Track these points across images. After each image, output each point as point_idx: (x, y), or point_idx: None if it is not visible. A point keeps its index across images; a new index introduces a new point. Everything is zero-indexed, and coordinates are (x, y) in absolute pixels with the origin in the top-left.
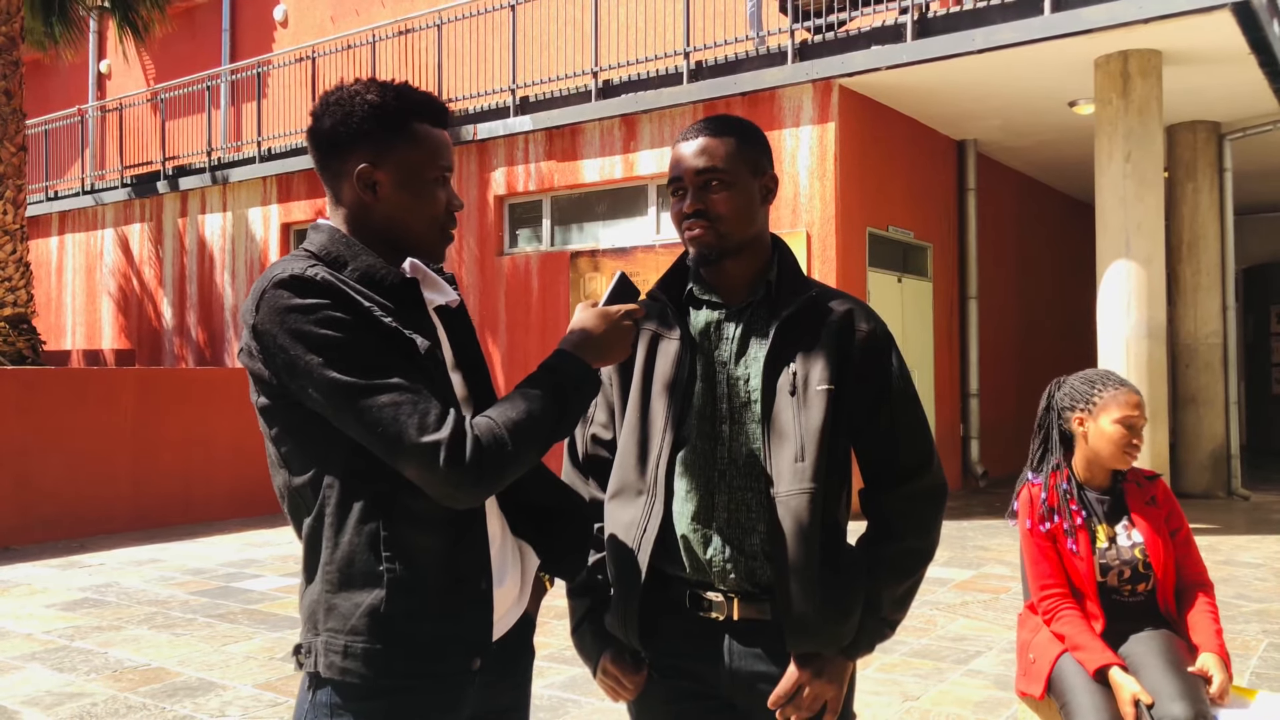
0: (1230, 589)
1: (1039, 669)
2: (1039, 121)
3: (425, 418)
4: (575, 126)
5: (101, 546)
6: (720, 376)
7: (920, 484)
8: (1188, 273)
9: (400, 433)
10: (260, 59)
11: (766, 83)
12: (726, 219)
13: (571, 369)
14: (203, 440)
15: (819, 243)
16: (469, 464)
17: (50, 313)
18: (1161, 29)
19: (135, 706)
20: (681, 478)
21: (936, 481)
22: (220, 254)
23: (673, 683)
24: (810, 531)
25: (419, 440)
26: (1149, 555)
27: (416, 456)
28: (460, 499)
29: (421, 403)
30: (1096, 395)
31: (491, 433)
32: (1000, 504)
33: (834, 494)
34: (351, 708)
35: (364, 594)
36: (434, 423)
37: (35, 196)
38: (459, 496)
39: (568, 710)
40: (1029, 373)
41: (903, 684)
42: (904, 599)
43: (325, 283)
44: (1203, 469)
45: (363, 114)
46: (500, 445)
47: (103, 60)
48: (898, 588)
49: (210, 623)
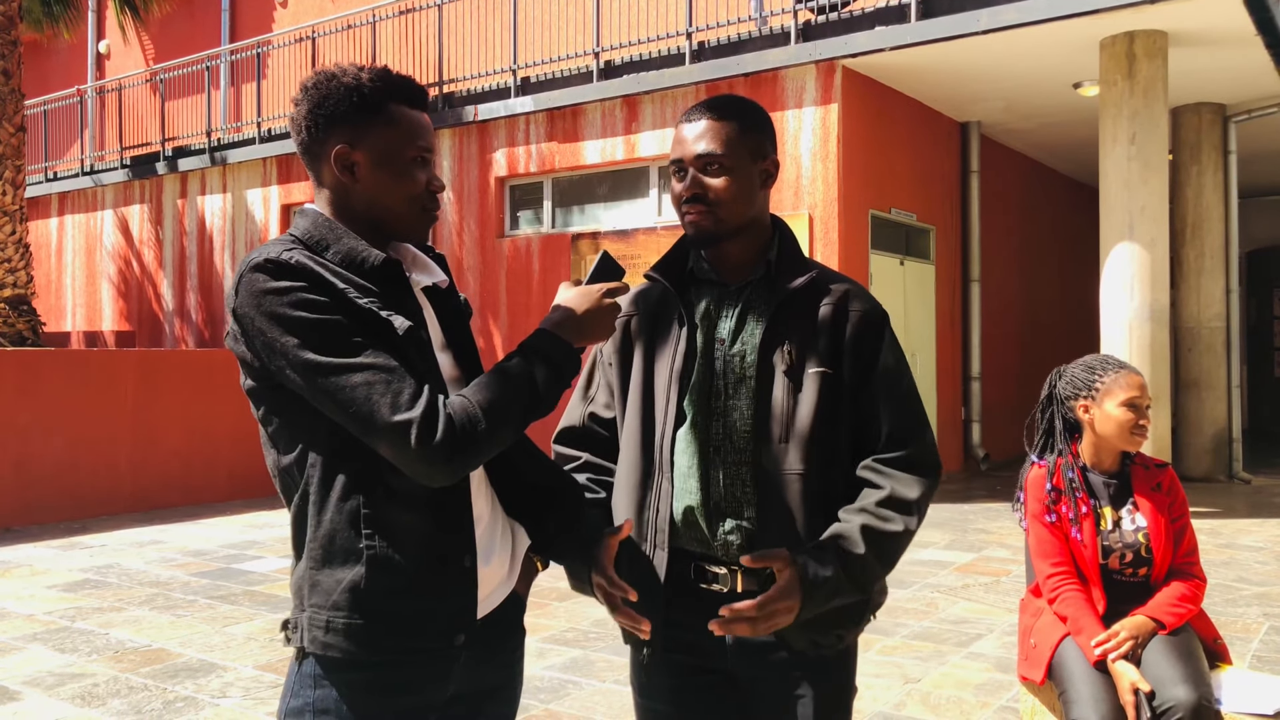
0: (1231, 572)
1: (1040, 654)
2: (1043, 103)
3: (399, 397)
4: (577, 107)
5: (102, 528)
6: (718, 354)
7: (907, 456)
8: (1191, 256)
9: (372, 411)
10: (260, 39)
11: (769, 63)
12: (725, 203)
13: (551, 348)
14: (203, 422)
15: (821, 225)
16: (439, 442)
17: (50, 294)
18: (1167, 10)
19: (136, 687)
20: (682, 454)
21: (928, 458)
22: (220, 235)
23: (675, 657)
24: (797, 514)
25: (391, 419)
26: (1151, 539)
27: (388, 435)
28: (434, 477)
29: (395, 382)
30: (1098, 381)
31: (465, 411)
32: (1002, 487)
33: (826, 477)
34: (334, 679)
35: (345, 570)
36: (406, 401)
37: (34, 177)
38: (432, 474)
39: (568, 691)
40: (1031, 356)
41: (903, 666)
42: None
43: (300, 265)
44: (1204, 452)
45: (339, 96)
46: (474, 424)
47: (102, 40)
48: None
49: (211, 604)
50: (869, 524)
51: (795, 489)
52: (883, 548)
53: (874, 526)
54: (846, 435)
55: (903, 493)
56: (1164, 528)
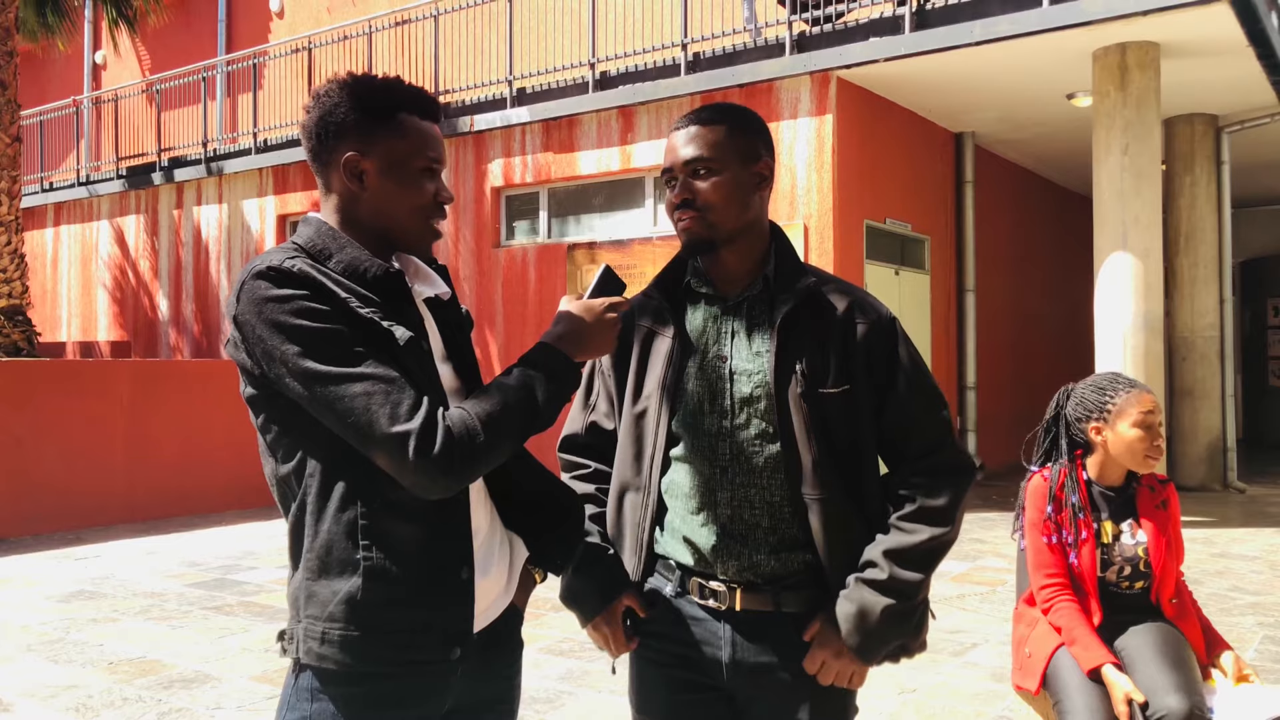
0: (1225, 582)
1: (1035, 664)
2: (1037, 114)
3: (397, 408)
4: (572, 118)
5: (97, 538)
6: (722, 372)
7: (934, 462)
8: (1185, 265)
9: (371, 422)
10: (256, 50)
11: (764, 74)
12: (715, 207)
13: (551, 362)
14: (199, 432)
15: (816, 235)
16: (438, 455)
17: (45, 304)
18: (1160, 21)
19: (131, 698)
20: (681, 473)
21: (955, 458)
22: (216, 245)
23: (672, 672)
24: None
25: (389, 430)
26: (1150, 555)
27: (386, 446)
28: (431, 489)
29: (394, 393)
30: (1110, 402)
31: (464, 424)
32: (997, 496)
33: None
34: (330, 692)
35: (341, 581)
36: (405, 413)
37: (30, 188)
38: (429, 487)
39: (564, 702)
40: (1026, 366)
41: (898, 675)
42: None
43: (302, 274)
44: (1199, 462)
45: (351, 104)
46: (472, 437)
47: (98, 51)
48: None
49: (206, 615)
50: (891, 545)
51: (815, 512)
52: (909, 558)
53: (896, 545)
54: (870, 451)
55: (931, 503)
56: (1164, 545)
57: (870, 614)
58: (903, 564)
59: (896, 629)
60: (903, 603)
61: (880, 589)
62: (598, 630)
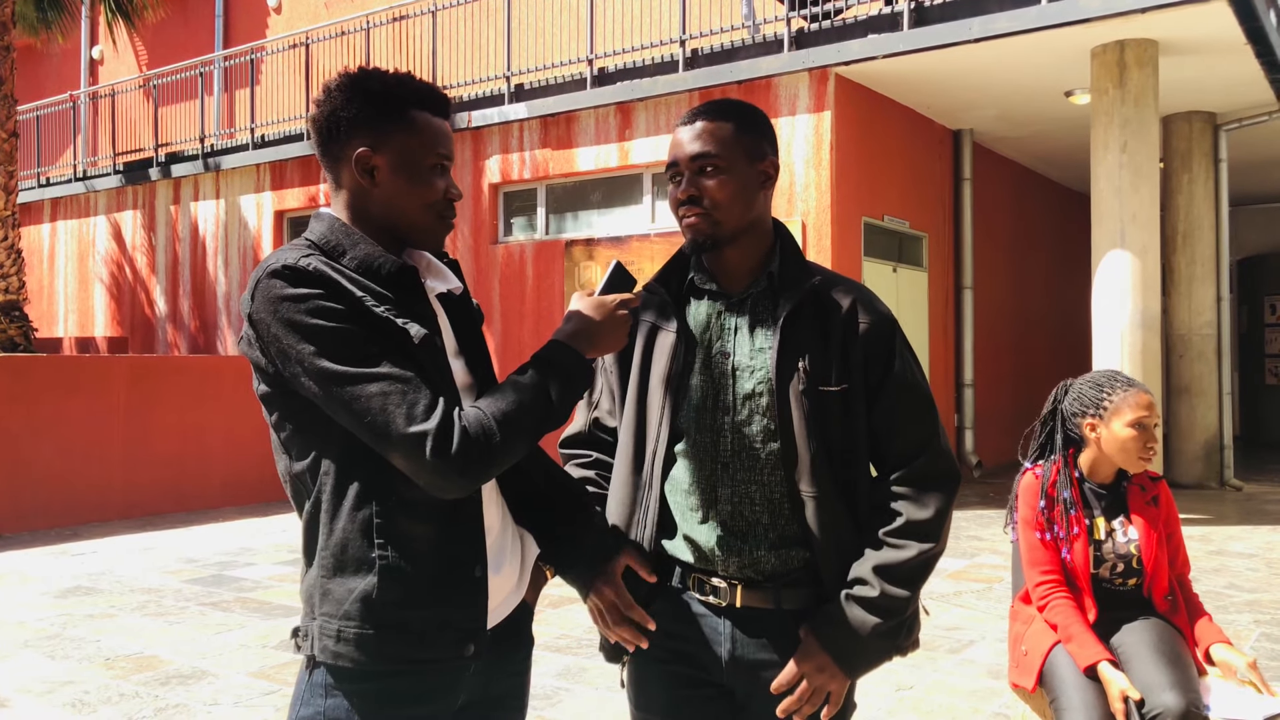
0: (1222, 579)
1: (1031, 662)
2: (1035, 111)
3: (414, 408)
4: (570, 114)
5: (94, 534)
6: (724, 368)
7: (919, 468)
8: (1182, 263)
9: (388, 422)
10: (254, 45)
11: (762, 71)
12: (721, 205)
13: (564, 359)
14: (196, 428)
15: (814, 232)
16: (455, 455)
17: (42, 300)
18: (1158, 19)
19: (128, 694)
20: (682, 470)
21: (940, 466)
22: (213, 241)
23: (671, 668)
24: (812, 536)
25: (406, 430)
26: (1142, 552)
27: (403, 446)
28: (447, 489)
29: (411, 392)
30: (1107, 399)
31: (480, 423)
32: (995, 494)
33: (843, 498)
34: (344, 689)
35: (357, 579)
36: (422, 413)
37: (27, 183)
38: (446, 487)
39: (562, 698)
40: (1024, 363)
41: (895, 673)
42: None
43: (318, 272)
44: (1196, 459)
45: (362, 100)
46: (488, 436)
47: (95, 46)
48: (892, 561)
49: (203, 611)
50: (881, 562)
51: (810, 510)
52: (899, 575)
53: (886, 562)
54: (864, 454)
55: (918, 516)
56: (1156, 541)
57: (859, 632)
58: (893, 581)
59: (885, 646)
60: (891, 620)
61: (870, 607)
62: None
